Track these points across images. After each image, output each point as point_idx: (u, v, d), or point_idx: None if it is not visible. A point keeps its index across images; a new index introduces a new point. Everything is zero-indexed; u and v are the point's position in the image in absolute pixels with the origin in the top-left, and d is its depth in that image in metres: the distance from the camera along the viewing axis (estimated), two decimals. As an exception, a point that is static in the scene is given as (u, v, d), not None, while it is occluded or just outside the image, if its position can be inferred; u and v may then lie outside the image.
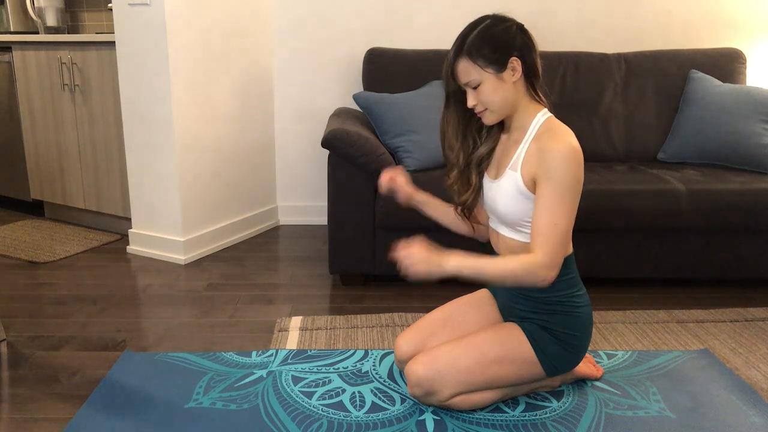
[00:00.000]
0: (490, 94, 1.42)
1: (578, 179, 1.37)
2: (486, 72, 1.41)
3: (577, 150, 1.37)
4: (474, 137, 1.56)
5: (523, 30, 1.44)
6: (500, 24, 1.42)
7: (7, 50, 3.14)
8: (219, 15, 2.74)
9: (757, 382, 1.71)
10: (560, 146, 1.36)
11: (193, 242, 2.73)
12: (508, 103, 1.45)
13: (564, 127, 1.43)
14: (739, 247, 2.31)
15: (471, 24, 1.45)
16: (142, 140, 2.67)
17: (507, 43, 1.40)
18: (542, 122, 1.45)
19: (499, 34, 1.41)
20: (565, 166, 1.35)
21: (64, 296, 2.30)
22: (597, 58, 2.87)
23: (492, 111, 1.45)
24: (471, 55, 1.41)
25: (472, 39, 1.41)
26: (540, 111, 1.47)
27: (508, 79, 1.42)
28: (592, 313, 1.56)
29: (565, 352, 1.51)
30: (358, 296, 2.32)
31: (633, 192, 2.24)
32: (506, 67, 1.41)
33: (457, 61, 1.43)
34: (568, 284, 1.51)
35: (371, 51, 2.88)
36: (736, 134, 2.51)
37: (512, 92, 1.44)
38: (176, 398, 1.61)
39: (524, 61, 1.42)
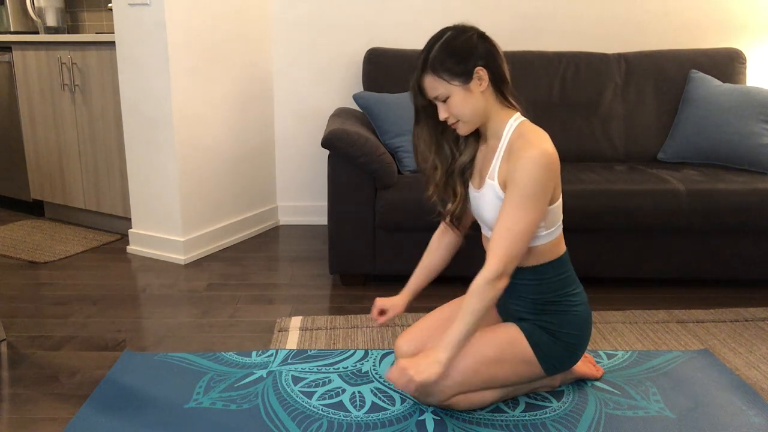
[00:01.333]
0: (459, 106, 1.42)
1: (543, 185, 1.36)
2: (453, 85, 1.41)
3: (547, 155, 1.36)
4: (450, 147, 1.55)
5: (484, 38, 1.44)
6: (461, 35, 1.42)
7: (7, 50, 3.14)
8: (219, 15, 2.74)
9: (757, 382, 1.71)
10: (530, 153, 1.36)
11: (193, 242, 2.73)
12: (479, 112, 1.45)
13: (537, 132, 1.42)
14: (739, 247, 2.31)
15: (433, 37, 1.45)
16: (142, 140, 2.67)
17: (470, 53, 1.40)
18: (515, 128, 1.45)
19: (461, 46, 1.41)
20: (531, 172, 1.35)
21: (64, 296, 2.30)
22: (597, 58, 2.87)
23: (464, 122, 1.45)
24: (435, 69, 1.41)
25: (435, 53, 1.41)
26: (512, 116, 1.47)
27: (476, 90, 1.42)
28: (590, 311, 1.56)
29: (563, 351, 1.51)
30: (358, 296, 2.32)
31: (633, 192, 2.24)
32: (472, 77, 1.41)
33: (423, 76, 1.43)
34: (563, 283, 1.51)
35: (371, 51, 2.88)
36: (736, 134, 2.51)
37: (482, 101, 1.44)
38: (176, 398, 1.61)
39: (490, 69, 1.42)
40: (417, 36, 3.10)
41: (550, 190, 1.39)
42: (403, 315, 2.13)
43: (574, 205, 2.23)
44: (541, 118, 2.79)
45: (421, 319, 1.69)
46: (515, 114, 1.48)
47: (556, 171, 1.40)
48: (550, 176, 1.38)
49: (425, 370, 1.38)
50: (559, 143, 2.77)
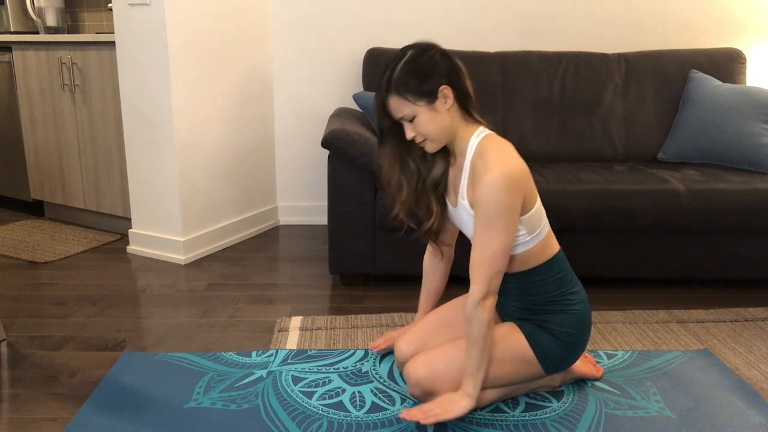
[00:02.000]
0: (426, 125, 1.42)
1: (507, 206, 1.35)
2: (418, 105, 1.40)
3: (506, 176, 1.35)
4: (417, 164, 1.53)
5: (447, 56, 1.43)
6: (423, 54, 1.41)
7: (7, 50, 3.14)
8: (219, 15, 2.74)
9: (757, 382, 1.71)
10: (488, 177, 1.35)
11: (193, 242, 2.73)
12: (447, 130, 1.44)
13: (497, 149, 1.40)
14: (739, 247, 2.31)
15: (394, 57, 1.43)
16: (142, 140, 2.67)
17: (433, 73, 1.40)
18: (476, 145, 1.44)
19: (424, 65, 1.40)
20: (492, 196, 1.35)
21: (64, 296, 2.30)
22: (597, 58, 2.87)
23: (432, 140, 1.45)
24: (399, 91, 1.40)
25: (398, 75, 1.40)
26: (474, 132, 1.46)
27: (442, 108, 1.41)
28: (589, 309, 1.56)
29: (563, 350, 1.51)
30: (358, 296, 2.32)
31: (633, 192, 2.24)
32: (437, 96, 1.40)
33: (388, 98, 1.42)
34: (559, 283, 1.51)
35: (371, 51, 2.88)
36: (736, 134, 2.51)
37: (448, 119, 1.43)
38: (176, 398, 1.61)
39: (454, 86, 1.42)
40: (417, 36, 3.10)
41: (516, 206, 1.38)
42: (403, 315, 2.13)
43: (574, 205, 2.23)
44: (541, 118, 2.83)
45: (421, 320, 1.69)
46: (478, 129, 1.47)
47: (520, 186, 1.38)
48: (514, 194, 1.36)
49: (453, 407, 1.41)
50: (559, 143, 2.80)
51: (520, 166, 1.39)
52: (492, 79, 2.83)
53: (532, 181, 1.45)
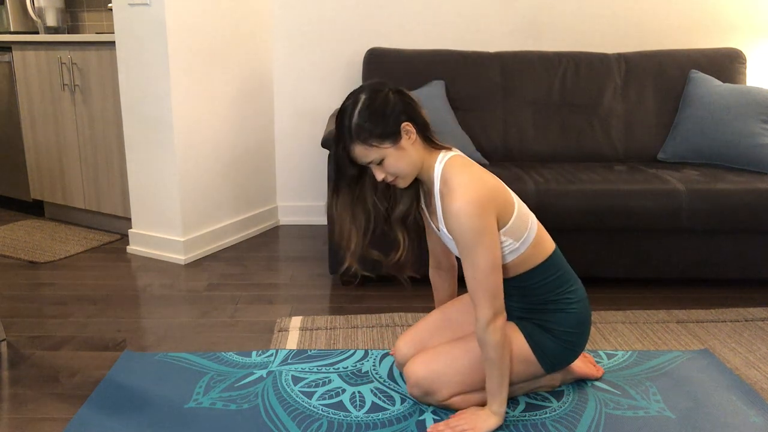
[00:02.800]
0: (395, 165, 1.41)
1: (479, 230, 1.34)
2: (384, 148, 1.39)
3: (470, 203, 1.33)
4: (375, 204, 1.52)
5: (399, 91, 1.41)
6: (377, 96, 1.38)
7: (7, 50, 3.14)
8: (219, 15, 2.74)
9: (757, 382, 1.71)
10: (453, 207, 1.34)
11: (193, 242, 2.73)
12: (415, 164, 1.43)
13: (458, 176, 1.38)
14: (739, 247, 2.31)
15: (347, 103, 1.40)
16: (142, 140, 2.67)
17: (392, 113, 1.38)
18: (441, 173, 1.42)
19: (381, 108, 1.37)
20: (461, 226, 1.34)
21: (64, 296, 2.30)
22: (597, 58, 2.87)
23: (402, 177, 1.44)
24: (362, 138, 1.37)
25: (357, 122, 1.37)
26: (437, 159, 1.44)
27: (407, 145, 1.40)
28: (589, 307, 1.55)
29: (563, 349, 1.51)
30: (358, 296, 2.32)
31: (633, 192, 2.24)
32: (401, 135, 1.39)
33: (352, 147, 1.39)
34: (557, 283, 1.51)
35: (371, 51, 2.88)
36: (736, 134, 2.51)
37: (415, 153, 1.42)
38: (176, 398, 1.61)
39: (413, 120, 1.40)
40: (417, 36, 3.11)
41: (491, 226, 1.36)
42: (403, 315, 2.13)
43: (574, 205, 2.23)
44: (541, 118, 2.83)
45: (420, 321, 1.69)
46: (440, 156, 1.45)
47: (488, 206, 1.36)
48: (484, 217, 1.35)
49: (482, 425, 1.43)
50: (559, 143, 2.80)
51: (484, 186, 1.37)
52: (492, 79, 2.83)
53: (503, 193, 1.43)
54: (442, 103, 2.68)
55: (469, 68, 2.83)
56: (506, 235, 1.43)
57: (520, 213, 1.46)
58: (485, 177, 1.41)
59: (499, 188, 1.43)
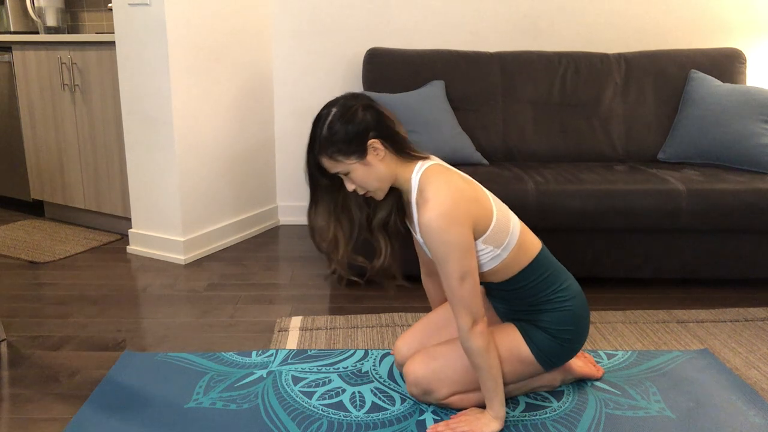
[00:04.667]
0: (362, 179, 1.41)
1: (453, 241, 1.33)
2: (349, 163, 1.39)
3: (443, 215, 1.33)
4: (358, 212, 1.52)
5: (370, 107, 1.41)
6: (346, 112, 1.38)
7: (7, 50, 3.14)
8: (219, 15, 2.74)
9: (757, 382, 1.71)
10: (425, 219, 1.34)
11: (193, 242, 2.73)
12: (384, 179, 1.43)
13: (433, 187, 1.38)
14: (739, 247, 2.31)
15: (319, 115, 1.41)
16: (142, 140, 2.67)
17: (358, 130, 1.37)
18: (417, 184, 1.42)
19: (347, 124, 1.37)
20: (435, 238, 1.34)
21: (64, 296, 2.30)
22: (597, 58, 2.87)
23: (372, 191, 1.44)
24: (327, 152, 1.38)
25: (324, 136, 1.38)
26: (414, 169, 1.44)
27: (374, 161, 1.40)
28: (584, 302, 1.54)
29: (560, 347, 1.50)
30: (358, 296, 2.32)
31: (633, 192, 2.24)
32: (367, 152, 1.39)
33: (319, 158, 1.41)
34: (546, 283, 1.50)
35: (371, 51, 2.88)
36: (736, 134, 2.51)
37: (383, 168, 1.41)
38: (176, 398, 1.61)
39: (382, 136, 1.40)
40: (417, 36, 3.11)
41: (464, 237, 1.35)
42: (403, 315, 2.13)
43: (574, 205, 2.23)
44: (541, 118, 2.83)
45: (419, 321, 1.69)
46: (416, 166, 1.44)
47: (461, 217, 1.35)
48: (456, 229, 1.34)
49: (483, 428, 1.44)
50: (559, 143, 2.80)
51: (459, 198, 1.36)
52: (492, 79, 2.83)
53: (481, 202, 1.42)
54: (442, 103, 2.68)
55: (469, 68, 2.83)
56: (486, 243, 1.42)
57: (500, 220, 1.44)
58: (462, 186, 1.39)
59: (476, 197, 1.41)
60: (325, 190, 1.47)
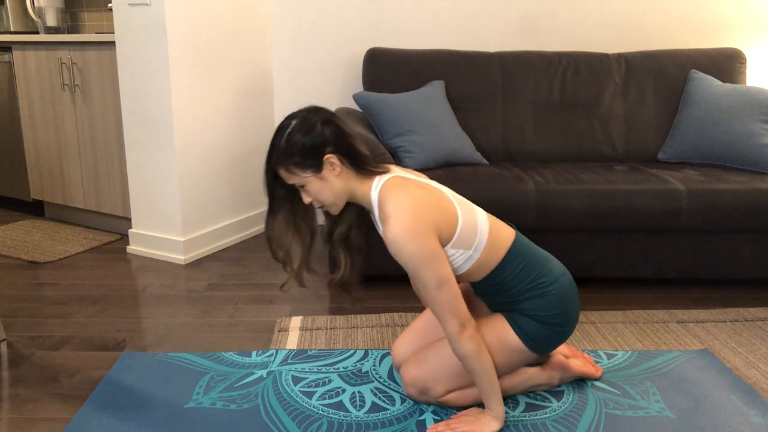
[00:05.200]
0: (317, 193, 1.42)
1: (420, 253, 1.33)
2: (305, 176, 1.40)
3: (404, 231, 1.32)
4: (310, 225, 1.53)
5: (330, 121, 1.40)
6: (304, 125, 1.38)
7: (7, 50, 3.14)
8: (219, 15, 2.74)
9: (757, 382, 1.71)
10: (388, 236, 1.34)
11: (193, 242, 2.73)
12: (340, 195, 1.43)
13: (392, 203, 1.37)
14: (739, 247, 2.31)
15: (280, 126, 1.41)
16: (142, 140, 2.67)
17: (315, 144, 1.38)
18: (377, 200, 1.42)
19: (304, 138, 1.37)
20: (400, 254, 1.34)
21: (64, 296, 2.30)
22: (597, 58, 2.87)
23: (328, 205, 1.45)
24: (284, 163, 1.39)
25: (282, 148, 1.38)
26: (372, 186, 1.44)
27: (330, 176, 1.40)
28: (569, 282, 1.51)
29: (550, 332, 1.49)
30: (358, 296, 2.32)
31: (633, 192, 2.24)
32: (323, 166, 1.39)
33: (276, 169, 1.41)
34: (524, 274, 1.48)
35: (371, 51, 2.88)
36: (736, 134, 2.51)
37: (339, 184, 1.42)
38: (176, 398, 1.61)
39: (340, 152, 1.39)
40: (417, 36, 3.11)
41: (430, 247, 1.35)
42: (403, 315, 2.13)
43: (575, 205, 2.23)
44: (541, 118, 2.83)
45: (414, 322, 1.69)
46: (375, 181, 1.44)
47: (423, 229, 1.34)
48: (420, 241, 1.33)
49: (483, 428, 1.44)
50: (559, 143, 2.80)
51: (418, 208, 1.35)
52: (492, 79, 2.83)
53: (444, 208, 1.40)
54: (442, 103, 2.69)
55: (469, 68, 2.84)
56: (455, 248, 1.42)
57: (466, 222, 1.43)
58: (421, 195, 1.38)
59: (437, 203, 1.40)
60: (282, 200, 1.48)
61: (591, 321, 2.09)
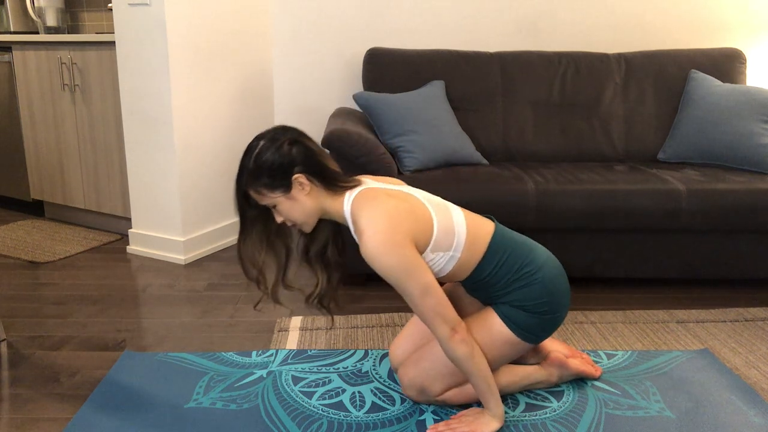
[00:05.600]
0: (288, 212, 1.43)
1: (398, 265, 1.33)
2: (274, 197, 1.41)
3: (379, 245, 1.32)
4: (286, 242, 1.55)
5: (297, 141, 1.40)
6: (271, 146, 1.39)
7: (7, 50, 3.14)
8: (219, 15, 2.74)
9: (757, 382, 1.71)
10: (365, 251, 1.33)
11: (193, 242, 2.73)
12: (311, 213, 1.44)
13: (363, 217, 1.36)
14: (739, 247, 2.31)
15: (248, 147, 1.42)
16: (142, 140, 2.67)
17: (282, 165, 1.38)
18: (350, 216, 1.42)
19: (272, 159, 1.38)
20: (379, 267, 1.34)
21: (64, 296, 2.30)
22: (597, 58, 2.87)
23: (299, 224, 1.46)
24: (253, 185, 1.40)
25: (250, 169, 1.39)
26: (344, 202, 1.44)
27: (299, 195, 1.41)
28: (555, 267, 1.50)
29: (540, 320, 1.48)
30: (358, 296, 2.32)
31: (633, 192, 2.24)
32: (292, 186, 1.39)
33: (246, 190, 1.43)
34: (508, 266, 1.47)
35: (371, 51, 2.88)
36: (736, 134, 2.51)
37: (310, 202, 1.42)
38: (176, 398, 1.61)
39: (309, 171, 1.40)
40: (417, 36, 3.11)
41: (408, 257, 1.34)
42: (403, 315, 2.13)
43: (574, 205, 2.23)
44: (541, 118, 2.83)
45: (408, 324, 1.69)
46: (345, 197, 1.44)
47: (400, 238, 1.33)
48: (397, 252, 1.32)
49: (483, 428, 1.44)
50: (559, 143, 2.80)
51: (391, 220, 1.34)
52: (492, 79, 2.83)
53: (416, 213, 1.39)
54: (442, 103, 2.69)
55: (469, 68, 2.84)
56: (435, 252, 1.42)
57: (442, 225, 1.42)
58: (392, 205, 1.37)
59: (412, 212, 1.39)
60: (255, 220, 1.49)
61: (591, 321, 2.09)
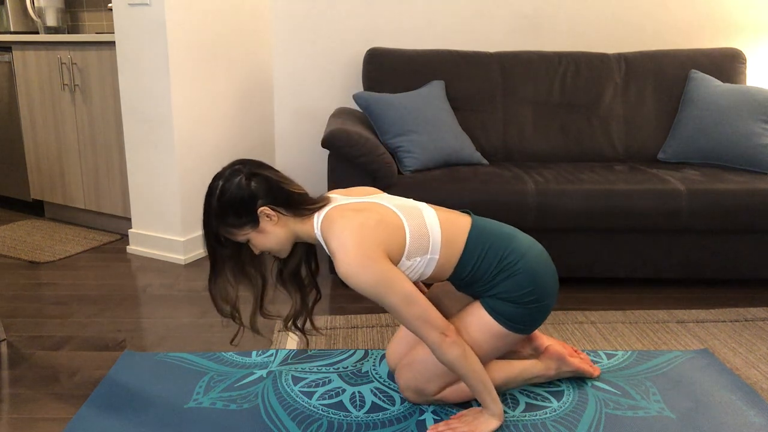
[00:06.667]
0: (262, 244, 1.44)
1: (373, 280, 1.32)
2: (245, 233, 1.42)
3: (352, 262, 1.31)
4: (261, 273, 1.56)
5: (254, 174, 1.40)
6: (230, 184, 1.40)
7: (7, 50, 3.14)
8: (219, 15, 2.74)
9: (757, 382, 1.71)
10: (339, 272, 1.33)
11: (193, 242, 2.73)
12: (284, 240, 1.45)
13: (334, 238, 1.35)
14: (739, 247, 2.31)
15: (209, 188, 1.44)
16: (142, 140, 2.67)
17: (244, 201, 1.39)
18: (321, 237, 1.42)
19: (234, 197, 1.39)
20: (355, 284, 1.33)
21: (64, 296, 2.30)
22: (597, 58, 2.87)
23: (275, 252, 1.47)
24: (221, 226, 1.42)
25: (216, 211, 1.41)
26: (314, 224, 1.44)
27: (268, 227, 1.42)
28: (536, 256, 1.48)
29: (528, 310, 1.47)
30: (358, 296, 2.32)
31: (633, 192, 2.24)
32: (259, 220, 1.40)
33: (217, 230, 1.44)
34: (489, 259, 1.45)
35: (371, 51, 2.88)
36: (736, 134, 2.51)
37: (280, 231, 1.43)
38: (176, 398, 1.61)
39: (272, 202, 1.40)
40: (417, 36, 3.11)
41: (385, 267, 1.33)
42: (403, 315, 2.12)
43: (574, 205, 2.23)
44: (541, 118, 2.83)
45: (401, 326, 1.69)
46: (314, 219, 1.44)
47: (372, 253, 1.32)
48: (374, 265, 1.32)
49: (483, 427, 1.44)
50: (559, 143, 2.80)
51: (360, 237, 1.33)
52: (492, 79, 2.83)
53: (386, 222, 1.38)
54: (442, 103, 2.69)
55: (469, 68, 2.84)
56: (411, 258, 1.41)
57: (414, 229, 1.41)
58: (361, 220, 1.36)
59: (382, 221, 1.37)
60: (227, 258, 1.50)
61: (591, 321, 2.09)
